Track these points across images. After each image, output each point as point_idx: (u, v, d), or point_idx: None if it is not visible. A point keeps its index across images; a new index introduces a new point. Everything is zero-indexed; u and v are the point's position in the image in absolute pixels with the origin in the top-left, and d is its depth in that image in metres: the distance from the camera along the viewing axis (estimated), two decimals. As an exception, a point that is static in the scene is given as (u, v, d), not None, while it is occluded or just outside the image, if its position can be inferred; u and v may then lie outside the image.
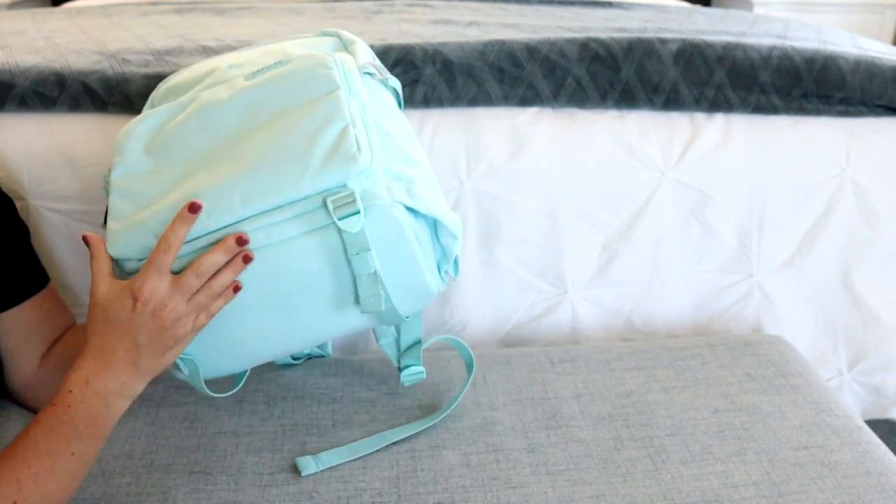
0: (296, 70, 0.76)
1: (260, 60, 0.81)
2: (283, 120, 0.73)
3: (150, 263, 0.66)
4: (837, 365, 1.23)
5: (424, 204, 0.74)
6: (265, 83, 0.76)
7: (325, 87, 0.74)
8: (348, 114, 0.72)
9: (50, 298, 0.86)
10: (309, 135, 0.71)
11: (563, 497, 0.78)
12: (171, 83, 0.85)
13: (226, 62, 0.82)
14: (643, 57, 1.09)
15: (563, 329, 1.18)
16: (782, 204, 1.13)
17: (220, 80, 0.80)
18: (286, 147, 0.70)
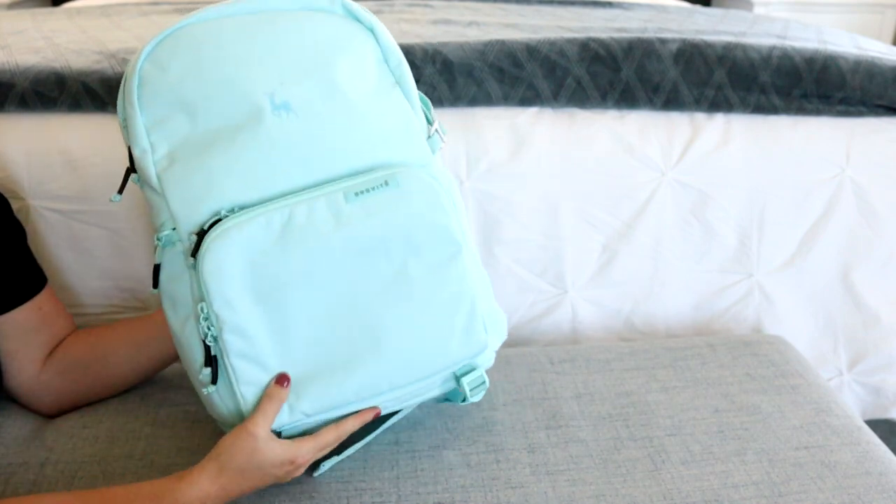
0: (408, 209, 0.72)
1: (308, 87, 0.73)
2: (412, 288, 0.73)
3: (319, 441, 0.72)
4: (837, 365, 1.23)
5: (502, 335, 0.85)
6: (377, 221, 0.71)
7: (444, 240, 0.74)
8: (470, 282, 0.76)
9: (48, 301, 0.86)
10: (444, 317, 0.75)
11: (563, 497, 0.78)
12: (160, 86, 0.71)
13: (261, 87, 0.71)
14: (643, 57, 1.09)
15: (563, 329, 1.18)
16: (782, 204, 1.13)
17: (283, 145, 0.71)
18: (424, 332, 0.75)
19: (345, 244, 0.71)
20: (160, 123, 0.70)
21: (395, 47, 0.78)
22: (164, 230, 0.71)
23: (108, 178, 1.02)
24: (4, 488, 0.77)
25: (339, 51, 0.74)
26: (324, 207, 0.70)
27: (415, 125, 0.77)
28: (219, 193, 0.70)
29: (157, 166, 0.70)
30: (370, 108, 0.74)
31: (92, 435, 0.84)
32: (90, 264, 1.07)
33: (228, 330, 0.69)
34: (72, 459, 0.81)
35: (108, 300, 1.10)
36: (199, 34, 0.71)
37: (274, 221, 0.69)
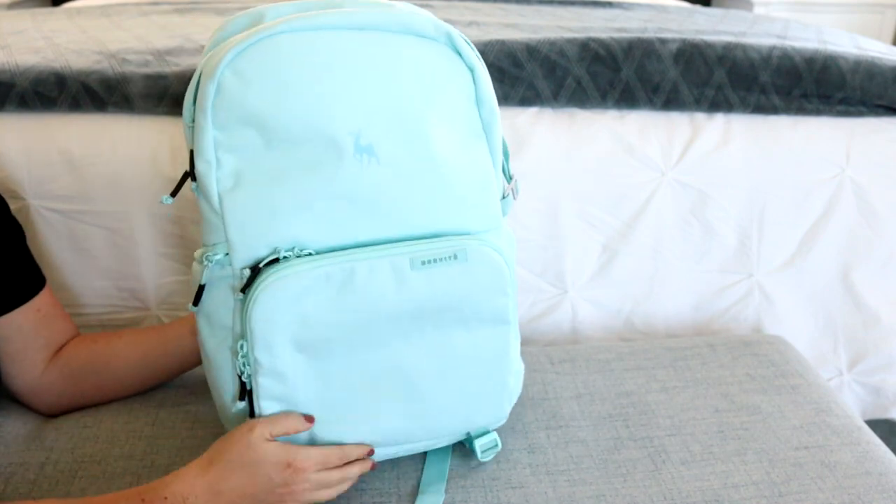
0: (470, 285, 0.71)
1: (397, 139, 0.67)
2: (452, 357, 0.73)
3: (323, 455, 0.70)
4: (837, 365, 1.23)
5: (518, 392, 0.84)
6: (437, 291, 0.69)
7: (495, 319, 0.73)
8: (508, 359, 0.77)
9: (48, 302, 0.85)
10: (475, 389, 0.76)
11: (564, 497, 0.78)
12: None
13: (347, 124, 0.66)
14: (643, 57, 1.09)
15: (563, 329, 1.18)
16: (782, 204, 1.13)
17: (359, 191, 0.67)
18: (453, 400, 0.75)
19: (401, 309, 0.69)
20: (231, 138, 0.65)
21: (491, 93, 0.72)
22: (216, 253, 0.67)
23: (108, 178, 1.02)
24: (4, 488, 0.77)
25: (435, 93, 0.68)
26: (387, 270, 0.67)
27: (492, 186, 0.73)
28: (281, 230, 0.66)
29: (220, 185, 0.66)
30: (453, 166, 0.69)
31: (92, 435, 0.84)
32: (90, 264, 1.07)
33: (265, 374, 0.68)
34: (72, 459, 0.81)
35: (108, 300, 1.11)
36: (290, 48, 0.64)
37: (334, 276, 0.66)
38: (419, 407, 0.74)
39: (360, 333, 0.69)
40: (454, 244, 0.69)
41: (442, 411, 0.75)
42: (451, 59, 0.69)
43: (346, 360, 0.70)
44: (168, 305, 1.11)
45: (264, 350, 0.67)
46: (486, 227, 0.73)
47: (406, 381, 0.72)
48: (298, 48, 0.64)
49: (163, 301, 1.11)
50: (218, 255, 0.67)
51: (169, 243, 1.07)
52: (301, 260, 0.66)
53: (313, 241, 0.67)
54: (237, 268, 0.67)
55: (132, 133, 1.03)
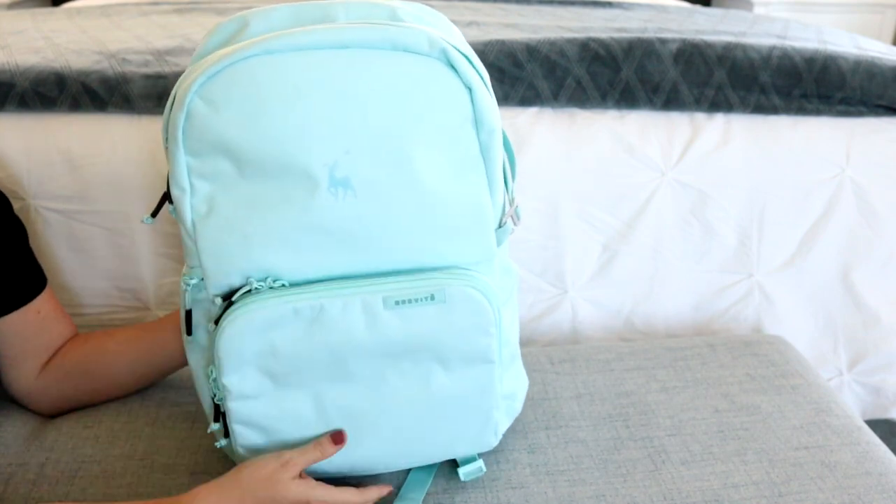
0: (449, 326, 0.67)
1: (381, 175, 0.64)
2: (431, 394, 0.71)
3: (342, 497, 0.70)
4: (837, 365, 1.23)
5: (515, 413, 0.83)
6: (412, 331, 0.66)
7: (477, 359, 0.70)
8: (492, 396, 0.73)
9: (49, 303, 0.85)
10: (456, 424, 0.74)
11: (563, 497, 0.78)
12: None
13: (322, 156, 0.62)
14: (643, 57, 1.09)
15: (563, 329, 1.18)
16: (782, 204, 1.13)
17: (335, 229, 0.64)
18: (433, 433, 0.73)
19: (373, 348, 0.67)
20: (203, 164, 0.63)
21: (492, 112, 0.66)
22: (192, 278, 0.67)
23: (108, 178, 1.02)
24: (4, 488, 0.77)
25: (424, 115, 0.63)
26: (358, 308, 0.65)
27: (486, 215, 0.68)
28: (254, 259, 0.64)
29: (195, 212, 0.64)
30: (440, 195, 0.65)
31: (92, 435, 0.84)
32: (90, 264, 1.07)
33: (233, 399, 0.68)
34: (72, 459, 0.81)
35: (108, 300, 1.10)
36: (262, 74, 0.60)
37: (303, 312, 0.64)
38: (397, 440, 0.73)
39: (331, 368, 0.67)
40: (432, 284, 0.65)
41: (422, 444, 0.74)
42: (445, 76, 0.63)
43: (318, 391, 0.69)
44: (168, 305, 1.11)
45: (233, 377, 0.67)
46: (477, 259, 0.68)
47: (382, 416, 0.71)
48: (271, 72, 0.60)
49: (163, 301, 1.11)
50: (194, 279, 0.67)
51: (169, 243, 1.07)
52: (271, 293, 0.64)
53: (288, 272, 0.65)
54: (212, 294, 0.66)
55: (132, 133, 1.03)
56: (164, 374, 0.90)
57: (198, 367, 0.73)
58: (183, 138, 0.62)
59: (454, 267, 0.67)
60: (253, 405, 0.69)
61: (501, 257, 0.73)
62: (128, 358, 0.86)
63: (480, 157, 0.67)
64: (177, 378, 0.94)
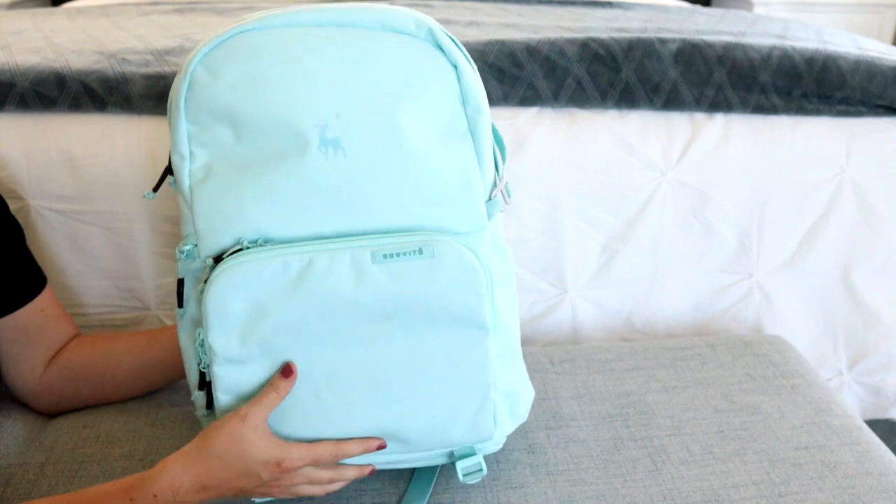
0: (437, 283, 0.66)
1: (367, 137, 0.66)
2: (424, 364, 0.69)
3: (314, 451, 0.68)
4: (837, 365, 1.23)
5: (520, 418, 0.80)
6: (400, 288, 0.66)
7: (469, 322, 0.68)
8: (488, 369, 0.71)
9: (49, 303, 0.85)
10: (452, 401, 0.71)
11: (563, 497, 0.78)
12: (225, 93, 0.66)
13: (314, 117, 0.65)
14: (643, 57, 1.09)
15: (563, 329, 1.18)
16: (782, 204, 1.13)
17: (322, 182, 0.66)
18: (427, 412, 0.71)
19: (361, 305, 0.66)
20: (203, 132, 0.66)
21: (478, 90, 0.69)
22: (186, 244, 0.68)
23: (108, 178, 1.02)
24: (4, 489, 0.77)
25: (411, 87, 0.67)
26: (347, 263, 0.65)
27: (475, 186, 0.69)
28: (246, 221, 0.66)
29: (192, 177, 0.67)
30: (429, 161, 0.67)
31: (92, 435, 0.84)
32: (90, 264, 1.07)
33: (219, 363, 0.67)
34: (72, 459, 0.81)
35: (108, 300, 1.10)
36: (261, 43, 0.65)
37: (291, 266, 0.65)
38: (389, 413, 0.70)
39: (319, 329, 0.66)
40: (420, 238, 0.66)
41: (416, 419, 0.71)
42: (432, 55, 0.67)
43: (306, 356, 0.68)
44: (168, 305, 1.11)
45: (219, 338, 0.66)
46: (467, 229, 0.69)
47: (373, 384, 0.69)
48: (270, 43, 0.65)
49: (163, 301, 1.11)
50: (188, 245, 0.68)
51: (168, 243, 1.07)
52: (260, 249, 0.65)
53: (279, 233, 0.67)
54: (203, 257, 0.67)
55: (132, 133, 1.03)
56: (167, 381, 0.90)
57: (187, 342, 0.72)
58: (185, 106, 0.66)
59: (443, 231, 0.68)
60: (239, 371, 0.68)
61: (494, 236, 0.73)
62: (132, 365, 0.86)
63: (469, 132, 0.69)
64: (177, 378, 0.94)
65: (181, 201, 0.68)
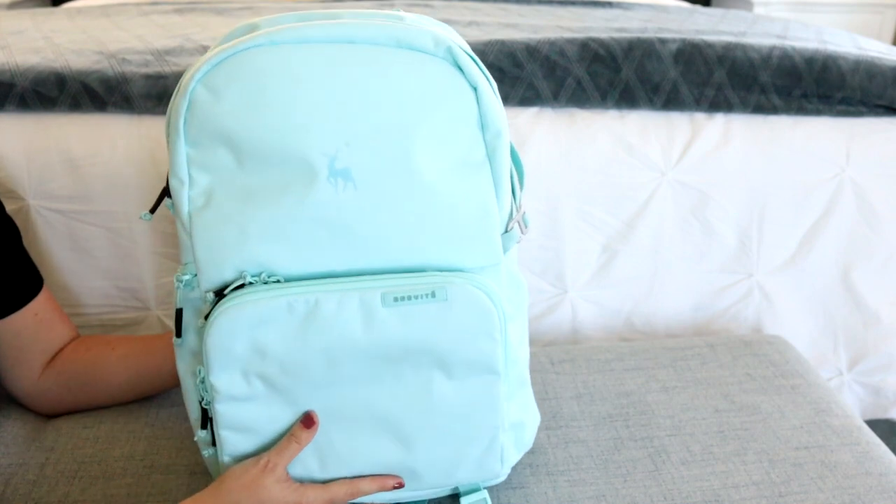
0: (450, 327, 0.64)
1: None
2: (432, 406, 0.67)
3: (329, 492, 0.68)
4: (837, 365, 1.23)
5: (525, 447, 0.78)
6: (412, 331, 0.63)
7: (481, 367, 0.66)
8: (498, 412, 0.69)
9: (46, 306, 0.84)
10: (458, 443, 0.70)
11: (564, 497, 0.78)
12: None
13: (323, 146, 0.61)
14: (643, 57, 1.09)
15: (563, 329, 1.18)
16: (782, 204, 1.13)
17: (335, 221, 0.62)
18: (433, 453, 0.70)
19: (370, 348, 0.63)
20: (204, 155, 0.62)
21: (498, 114, 0.64)
22: (185, 273, 0.65)
23: (108, 178, 1.02)
24: (4, 489, 0.77)
25: (427, 113, 0.62)
26: (355, 305, 0.62)
27: (492, 218, 0.65)
28: (249, 253, 0.62)
29: (192, 203, 0.63)
30: (444, 194, 0.63)
31: (92, 435, 0.84)
32: (90, 264, 1.07)
33: (221, 401, 0.65)
34: (72, 460, 0.81)
35: (107, 300, 1.10)
36: (265, 63, 0.60)
37: (297, 308, 0.62)
38: (395, 455, 0.69)
39: (326, 370, 0.64)
40: (433, 280, 0.62)
41: (421, 462, 0.70)
42: (451, 76, 0.62)
43: (311, 397, 0.66)
44: (168, 305, 1.11)
45: (220, 376, 0.64)
46: (482, 264, 0.65)
47: (379, 426, 0.67)
48: (275, 62, 0.60)
49: (163, 301, 1.11)
50: (187, 275, 0.65)
51: (169, 243, 1.07)
52: (265, 287, 0.62)
53: (284, 268, 0.63)
54: (203, 290, 0.64)
55: (132, 133, 1.03)
56: (162, 389, 0.89)
57: (186, 373, 0.70)
58: (184, 127, 0.61)
59: (459, 269, 0.65)
60: (242, 408, 0.66)
61: (509, 268, 0.70)
62: (128, 373, 0.86)
63: (486, 159, 0.65)
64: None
65: (179, 227, 0.65)
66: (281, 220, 0.62)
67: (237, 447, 0.68)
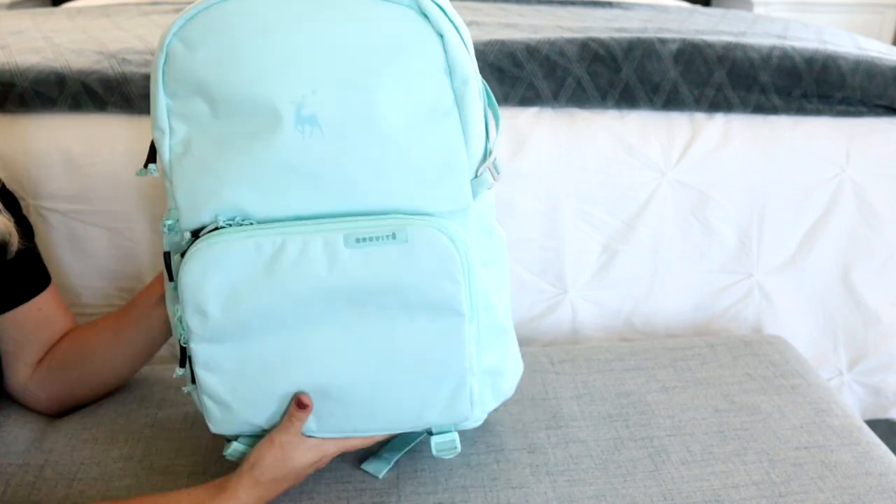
0: (411, 268, 0.65)
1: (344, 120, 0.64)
2: (398, 347, 0.69)
3: (345, 444, 0.74)
4: (837, 365, 1.23)
5: (503, 395, 0.80)
6: (374, 272, 0.65)
7: (444, 308, 0.67)
8: (464, 354, 0.70)
9: (50, 302, 0.85)
10: (426, 384, 0.71)
11: (564, 497, 0.78)
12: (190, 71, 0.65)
13: (290, 93, 0.63)
14: (643, 57, 1.09)
15: (563, 329, 1.18)
16: (782, 204, 1.13)
17: (300, 167, 0.65)
18: (401, 393, 0.71)
19: (334, 290, 0.66)
20: (181, 105, 0.65)
21: (465, 61, 0.65)
22: (169, 219, 0.68)
23: (108, 178, 1.02)
24: (4, 489, 0.77)
25: (391, 60, 0.64)
26: (319, 246, 0.64)
27: (459, 164, 0.67)
28: (224, 198, 0.65)
29: (172, 152, 0.66)
30: (409, 140, 0.65)
31: (91, 437, 0.84)
32: (90, 264, 1.07)
33: (196, 340, 0.68)
34: (71, 461, 0.81)
35: (107, 300, 1.11)
36: (235, 15, 0.63)
37: (264, 248, 0.64)
38: (363, 394, 0.70)
39: (293, 313, 0.66)
40: (394, 223, 0.64)
41: (386, 404, 0.71)
42: (416, 23, 0.64)
43: (280, 337, 0.68)
44: (168, 305, 1.11)
45: (194, 315, 0.66)
46: (449, 208, 0.67)
47: (347, 367, 0.69)
48: (245, 14, 0.63)
49: (163, 301, 1.11)
50: (170, 220, 0.68)
51: (169, 243, 1.07)
52: (237, 229, 0.65)
53: (257, 212, 0.66)
54: (182, 229, 0.67)
55: (132, 133, 1.03)
56: (150, 353, 0.87)
57: (172, 314, 0.73)
58: (163, 79, 0.65)
59: (427, 213, 0.67)
60: (216, 349, 0.68)
61: (481, 214, 0.71)
62: (108, 345, 0.85)
63: (455, 105, 0.66)
64: (176, 379, 0.94)
65: (163, 176, 0.68)
66: (251, 166, 0.65)
67: (213, 388, 0.70)
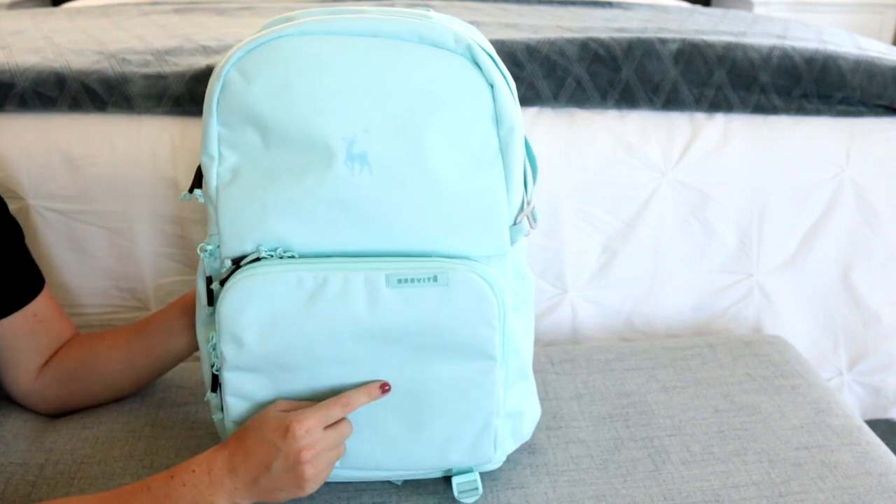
0: (450, 312, 0.67)
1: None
2: (429, 388, 0.70)
3: (320, 409, 0.67)
4: (837, 365, 1.23)
5: (522, 438, 0.80)
6: (413, 314, 0.66)
7: (478, 353, 0.69)
8: (493, 397, 0.71)
9: (46, 307, 0.83)
10: (453, 425, 0.72)
11: (564, 497, 0.78)
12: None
13: (342, 130, 0.65)
14: (643, 57, 1.09)
15: (563, 329, 1.18)
16: (782, 204, 1.13)
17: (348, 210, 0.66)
18: (428, 434, 0.72)
19: (372, 327, 0.67)
20: (233, 134, 0.67)
21: (513, 110, 0.67)
22: (210, 244, 0.69)
23: (108, 178, 1.02)
24: (4, 488, 0.77)
25: (443, 107, 0.65)
26: (361, 285, 0.66)
27: (500, 211, 0.68)
28: (268, 228, 0.67)
29: (220, 178, 0.67)
30: (454, 184, 0.66)
31: (92, 436, 0.84)
32: (90, 264, 1.07)
33: (229, 369, 0.69)
34: (71, 460, 0.81)
35: (107, 300, 1.11)
36: (294, 51, 0.65)
37: (306, 283, 0.65)
38: (391, 432, 0.72)
39: (328, 346, 0.67)
40: (437, 266, 0.66)
41: (414, 442, 0.72)
42: (468, 72, 0.66)
43: (313, 371, 0.69)
44: (168, 305, 1.11)
45: (230, 343, 0.67)
46: (488, 253, 0.69)
47: (377, 405, 0.70)
48: (304, 51, 0.65)
49: (163, 301, 1.11)
50: (211, 245, 0.69)
51: (169, 243, 1.07)
52: (279, 261, 0.66)
53: (299, 245, 0.67)
54: (223, 257, 0.68)
55: (132, 133, 1.03)
56: (157, 373, 0.88)
57: (202, 339, 0.73)
58: (217, 107, 0.66)
59: (466, 257, 0.68)
60: (248, 379, 0.69)
61: (516, 260, 0.73)
62: (119, 362, 0.85)
63: (499, 153, 0.68)
64: (176, 379, 0.94)
65: (207, 201, 0.69)
66: (299, 199, 0.66)
67: (243, 416, 0.71)
